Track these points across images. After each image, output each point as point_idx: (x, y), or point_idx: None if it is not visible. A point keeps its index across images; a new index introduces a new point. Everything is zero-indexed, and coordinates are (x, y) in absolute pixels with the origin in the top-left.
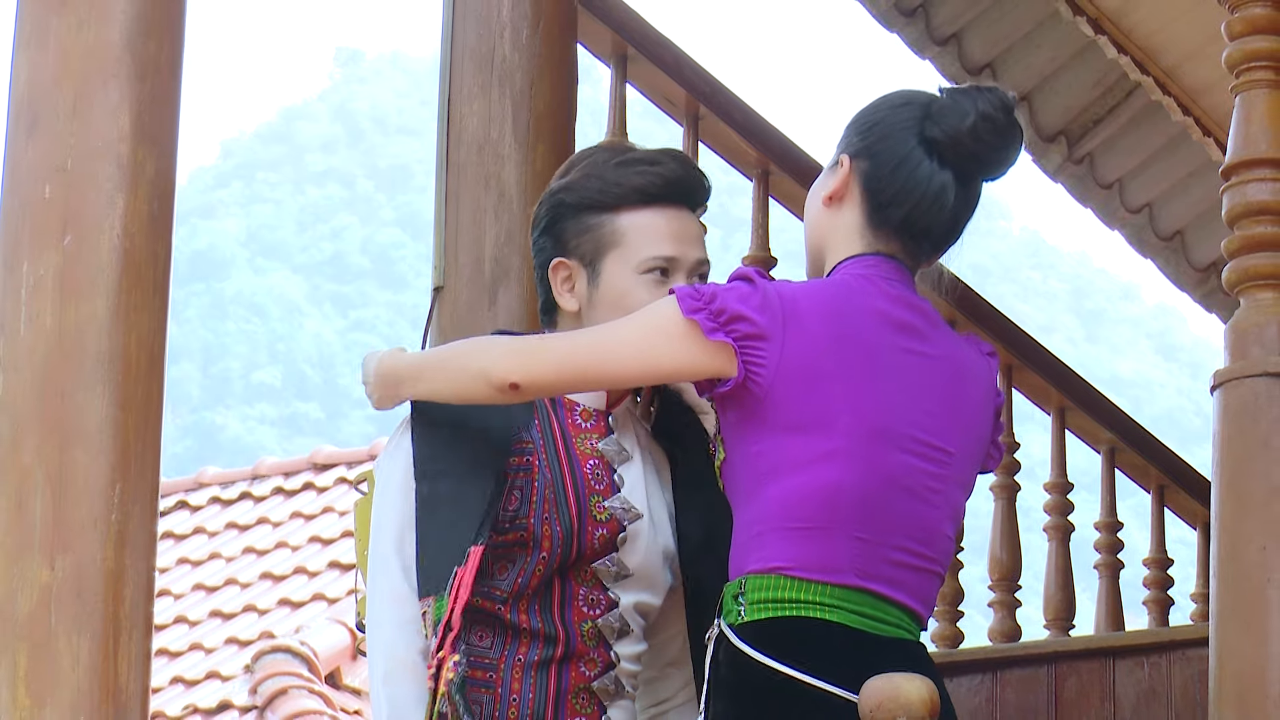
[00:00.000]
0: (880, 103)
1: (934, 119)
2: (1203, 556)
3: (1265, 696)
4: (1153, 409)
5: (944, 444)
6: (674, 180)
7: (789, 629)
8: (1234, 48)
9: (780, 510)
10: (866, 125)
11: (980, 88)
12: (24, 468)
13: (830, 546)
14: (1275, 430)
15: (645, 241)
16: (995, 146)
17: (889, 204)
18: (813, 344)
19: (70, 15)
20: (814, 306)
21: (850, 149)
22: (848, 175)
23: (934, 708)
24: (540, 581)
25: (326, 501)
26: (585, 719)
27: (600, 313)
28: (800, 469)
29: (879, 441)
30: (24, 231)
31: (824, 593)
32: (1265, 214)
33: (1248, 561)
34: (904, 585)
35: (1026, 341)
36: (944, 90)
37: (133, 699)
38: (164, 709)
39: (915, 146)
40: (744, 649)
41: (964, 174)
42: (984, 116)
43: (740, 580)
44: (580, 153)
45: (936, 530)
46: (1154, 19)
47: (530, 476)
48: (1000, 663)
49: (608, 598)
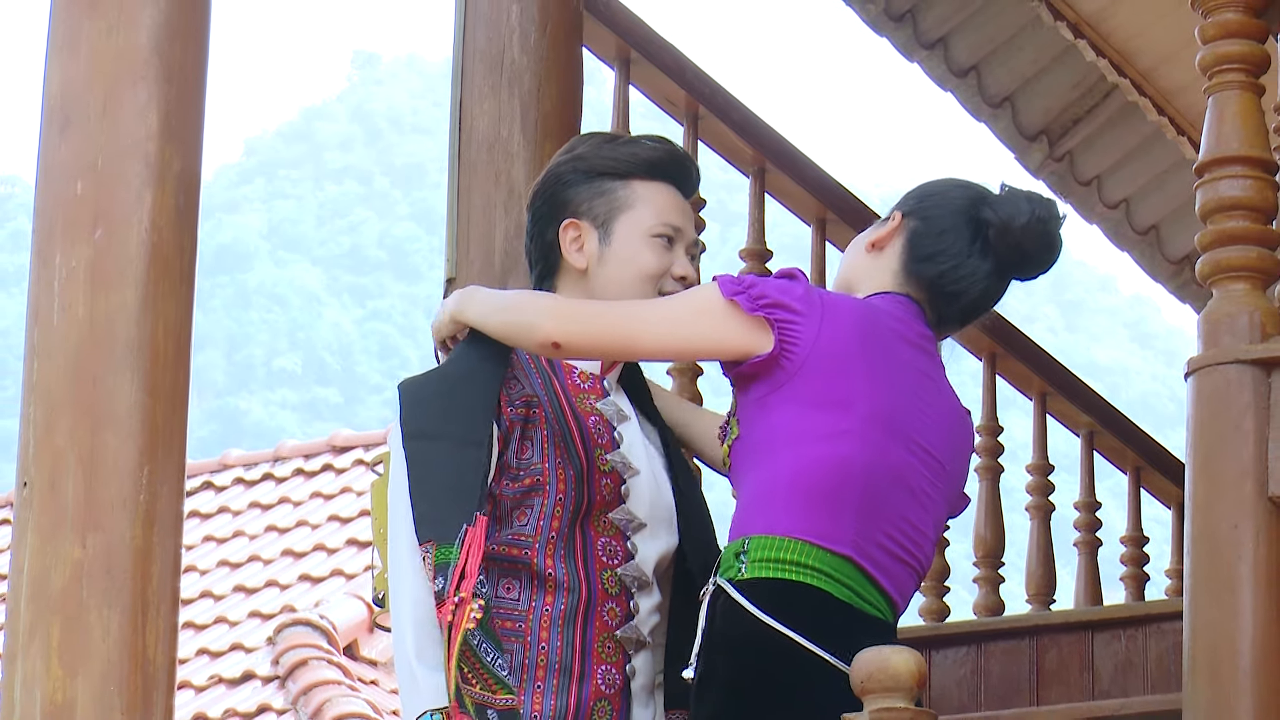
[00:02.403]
0: (944, 179)
1: (991, 205)
2: (1177, 534)
3: (1236, 667)
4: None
5: (940, 457)
6: (678, 158)
7: (786, 591)
8: (1207, 51)
9: (792, 475)
10: (926, 193)
11: (1039, 195)
12: (57, 450)
13: (832, 517)
14: (1246, 415)
15: (656, 209)
16: (1038, 248)
17: (926, 259)
18: (845, 335)
19: (100, 21)
20: (847, 308)
21: (904, 208)
22: (896, 228)
23: (921, 679)
24: (561, 525)
25: (345, 482)
26: (611, 666)
27: (609, 269)
28: (817, 441)
29: (889, 433)
30: (57, 226)
31: (821, 559)
32: (1237, 209)
33: (1220, 539)
34: (888, 572)
35: (1009, 330)
36: (1005, 186)
37: (160, 670)
38: (190, 679)
39: (965, 223)
40: (743, 603)
41: (1001, 265)
42: (1038, 219)
43: (743, 540)
44: (579, 137)
45: (923, 531)
46: (1131, 24)
47: (539, 427)
48: (985, 635)
49: (625, 549)
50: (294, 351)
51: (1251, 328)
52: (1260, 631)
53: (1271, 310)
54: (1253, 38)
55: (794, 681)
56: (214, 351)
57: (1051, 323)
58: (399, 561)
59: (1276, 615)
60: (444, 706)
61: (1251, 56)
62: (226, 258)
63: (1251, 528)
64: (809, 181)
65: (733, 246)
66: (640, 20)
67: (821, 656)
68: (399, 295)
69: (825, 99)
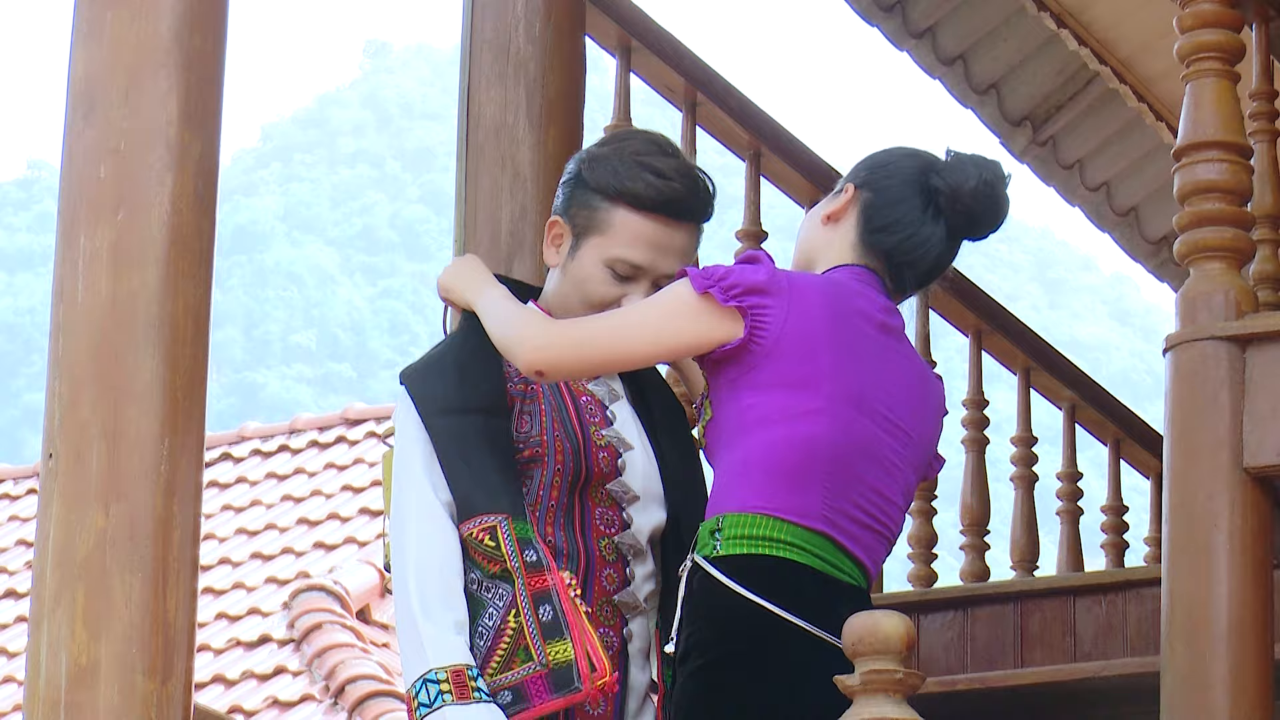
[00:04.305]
0: (893, 149)
1: (940, 173)
2: (1155, 504)
3: (1211, 631)
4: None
5: (906, 427)
6: (672, 200)
7: (761, 565)
8: (1184, 40)
9: (763, 455)
10: (876, 164)
11: (984, 158)
12: (81, 423)
13: (803, 493)
14: (1222, 389)
15: (623, 241)
16: (987, 210)
17: (882, 230)
18: (812, 316)
19: (123, 10)
20: (813, 288)
21: (856, 180)
22: (849, 200)
23: (910, 643)
24: (560, 495)
25: (357, 454)
26: (609, 630)
27: (565, 281)
28: (785, 421)
29: (855, 408)
30: (81, 208)
31: (794, 533)
32: (1213, 192)
33: (1196, 508)
34: (859, 541)
35: (995, 308)
36: (951, 152)
37: (180, 633)
38: (209, 642)
39: (916, 192)
40: (719, 578)
41: (953, 228)
42: (985, 183)
43: (717, 518)
44: (624, 131)
45: (891, 500)
46: (1111, 14)
47: (536, 402)
48: (971, 600)
49: (621, 519)
50: (309, 328)
51: (1227, 305)
52: (1235, 597)
53: (1246, 289)
54: (1228, 27)
55: (772, 650)
56: (232, 328)
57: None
58: (402, 525)
59: (1250, 581)
60: (448, 664)
61: (1227, 45)
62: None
63: (1226, 497)
64: (802, 165)
65: (729, 228)
66: (640, 10)
67: (798, 624)
68: (409, 274)
69: (818, 86)
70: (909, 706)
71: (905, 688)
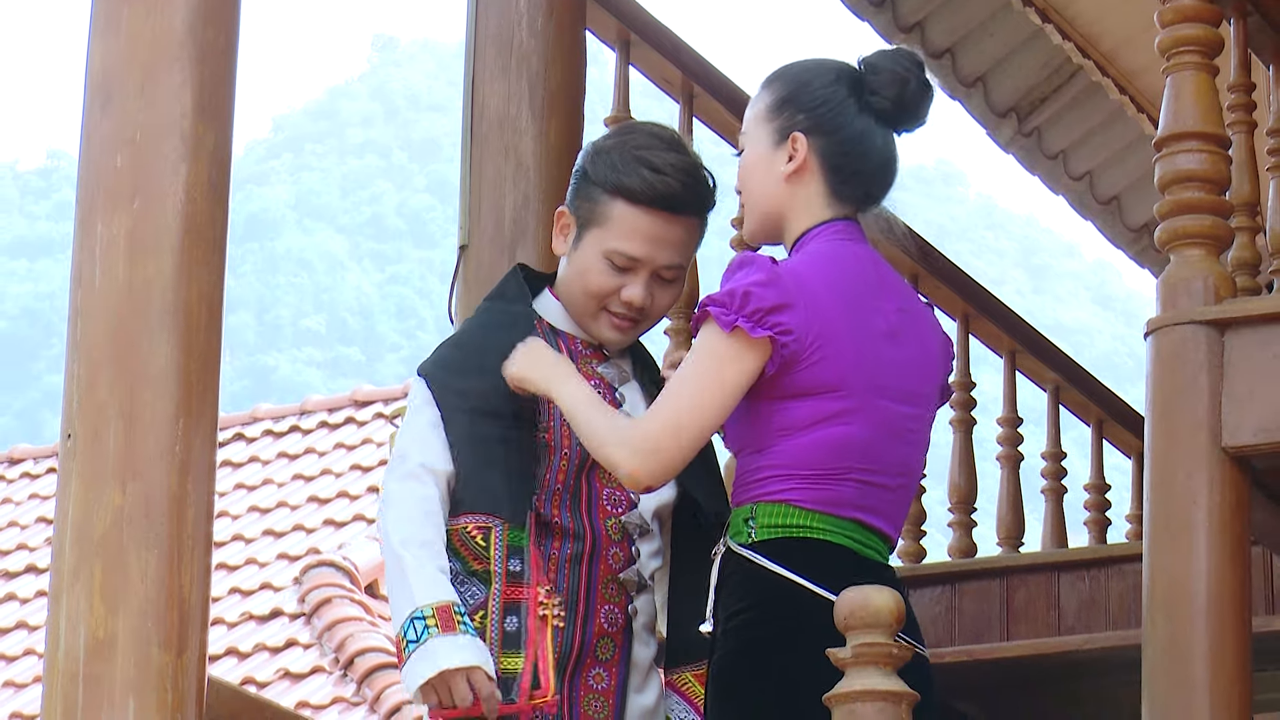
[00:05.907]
0: (810, 78)
1: (876, 92)
2: (1137, 482)
3: (1191, 605)
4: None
5: (919, 387)
6: (666, 195)
7: (796, 546)
8: (1165, 34)
9: (792, 461)
10: (811, 103)
11: (897, 53)
12: (99, 405)
13: (837, 488)
14: (1201, 371)
15: (620, 234)
16: (925, 102)
17: (852, 178)
18: (827, 316)
19: (139, 5)
20: (819, 280)
21: (799, 126)
22: (805, 153)
23: (900, 616)
24: (567, 478)
25: (366, 434)
26: (614, 606)
27: (569, 270)
28: (813, 427)
29: (878, 396)
30: (98, 196)
31: (827, 521)
32: (1192, 180)
33: (1176, 487)
34: (884, 513)
35: (981, 293)
36: (863, 61)
37: (195, 608)
38: (223, 616)
39: (865, 118)
40: (755, 559)
41: (896, 130)
42: (919, 81)
43: (751, 506)
44: (631, 124)
45: (914, 464)
46: (1094, 9)
47: None
48: (958, 576)
49: (628, 498)
50: (319, 313)
51: (1206, 291)
52: (1214, 572)
53: (1224, 275)
54: (1207, 22)
55: (804, 624)
56: (245, 313)
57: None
58: (392, 472)
59: (1229, 557)
60: (434, 602)
61: (1206, 39)
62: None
63: (1205, 476)
64: None
65: (724, 216)
66: (639, 5)
67: (830, 598)
68: (416, 260)
69: None
70: (899, 678)
71: (895, 660)
